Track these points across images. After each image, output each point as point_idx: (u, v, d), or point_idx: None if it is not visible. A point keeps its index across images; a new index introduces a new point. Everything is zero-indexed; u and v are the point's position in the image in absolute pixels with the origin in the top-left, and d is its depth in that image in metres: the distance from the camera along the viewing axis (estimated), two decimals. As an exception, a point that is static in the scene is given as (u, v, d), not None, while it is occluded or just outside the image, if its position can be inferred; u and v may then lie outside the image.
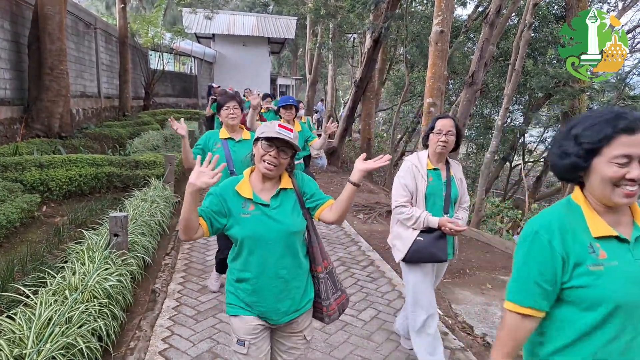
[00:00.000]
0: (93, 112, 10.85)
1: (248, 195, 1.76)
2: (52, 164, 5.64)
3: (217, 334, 3.12)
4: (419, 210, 2.48)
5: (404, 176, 2.54)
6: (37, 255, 3.93)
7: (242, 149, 3.21)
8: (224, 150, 3.20)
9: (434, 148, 2.53)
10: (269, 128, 1.73)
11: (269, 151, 1.72)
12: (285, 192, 1.82)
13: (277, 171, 1.75)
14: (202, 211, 1.73)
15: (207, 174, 1.60)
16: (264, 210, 1.75)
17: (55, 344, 2.28)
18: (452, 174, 2.62)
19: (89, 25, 10.99)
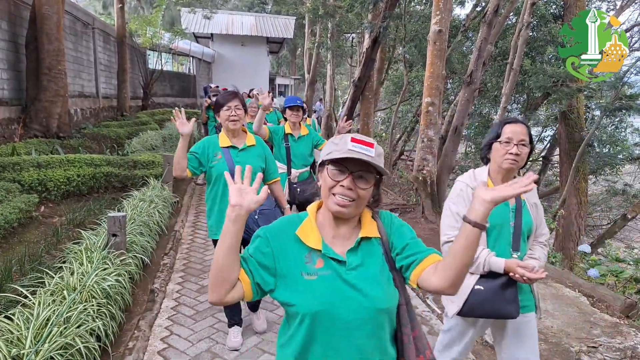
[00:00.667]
0: (91, 112, 10.83)
1: (315, 244, 1.20)
2: (50, 164, 5.63)
3: (216, 333, 3.12)
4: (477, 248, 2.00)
5: (456, 201, 1.92)
6: (35, 255, 3.92)
7: (248, 159, 2.72)
8: (226, 162, 2.69)
9: (500, 163, 1.89)
10: (337, 145, 1.19)
11: (340, 180, 1.17)
12: (369, 243, 1.25)
13: (354, 209, 1.19)
14: (246, 261, 1.20)
15: (251, 191, 1.14)
16: (339, 270, 1.18)
17: (53, 344, 2.27)
18: (523, 197, 1.95)
19: (86, 25, 10.96)
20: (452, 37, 10.30)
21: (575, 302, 3.80)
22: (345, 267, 1.19)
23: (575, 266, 6.50)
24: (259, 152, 2.83)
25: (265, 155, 2.86)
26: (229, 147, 2.75)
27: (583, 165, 9.81)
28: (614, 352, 3.02)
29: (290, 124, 4.06)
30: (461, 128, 6.88)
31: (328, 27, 14.57)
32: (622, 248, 11.96)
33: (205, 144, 2.75)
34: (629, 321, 3.53)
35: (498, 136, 1.92)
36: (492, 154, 1.95)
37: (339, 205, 1.17)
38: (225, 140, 2.77)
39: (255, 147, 2.82)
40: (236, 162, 2.68)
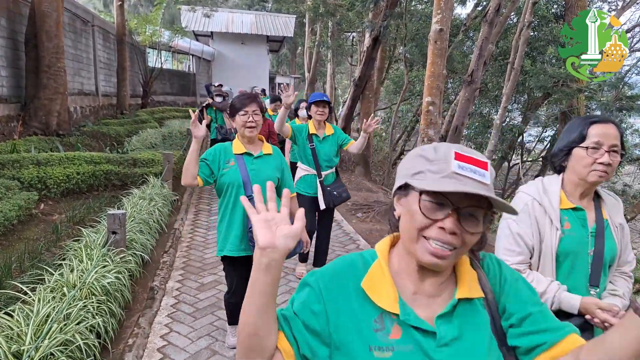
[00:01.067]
0: (91, 110, 10.82)
1: (390, 305, 0.83)
2: (49, 162, 5.62)
3: (216, 331, 3.12)
4: (544, 281, 1.49)
5: (518, 219, 1.54)
6: (35, 252, 3.92)
7: (264, 168, 2.53)
8: (239, 170, 2.48)
9: (585, 174, 1.48)
10: (430, 163, 0.81)
11: (439, 219, 0.79)
12: (469, 305, 0.85)
13: (454, 259, 0.82)
14: (289, 321, 0.85)
15: (282, 220, 0.82)
16: (424, 345, 0.81)
17: (53, 341, 2.27)
18: (606, 216, 1.55)
19: (86, 22, 10.95)
20: (453, 36, 10.30)
21: (575, 301, 3.80)
22: (435, 342, 0.81)
23: (575, 266, 6.50)
24: (275, 163, 2.59)
25: (283, 166, 2.61)
26: (243, 154, 2.52)
27: (583, 165, 9.79)
28: (614, 351, 3.02)
29: (315, 122, 3.70)
30: (461, 128, 6.88)
31: (328, 25, 14.57)
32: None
33: (217, 150, 2.51)
34: (628, 320, 3.53)
35: (582, 139, 1.48)
36: (572, 161, 1.52)
37: (435, 255, 0.79)
38: (240, 146, 2.52)
39: (271, 156, 2.58)
40: (250, 170, 2.47)
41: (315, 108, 3.67)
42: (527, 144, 15.12)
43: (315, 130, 3.69)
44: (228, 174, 2.47)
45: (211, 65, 22.54)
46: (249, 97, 2.46)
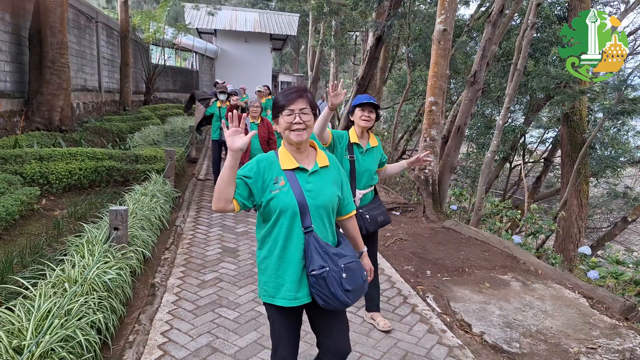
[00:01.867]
0: (93, 106, 10.83)
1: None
2: (52, 157, 5.64)
3: (217, 328, 3.13)
4: None
5: None
6: (37, 247, 3.93)
7: (323, 186, 1.89)
8: (293, 192, 1.82)
9: None
10: None
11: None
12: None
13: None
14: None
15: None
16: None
17: (54, 336, 2.28)
18: None
19: (90, 18, 10.95)
20: (456, 36, 10.28)
21: (575, 303, 3.80)
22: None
23: (575, 268, 6.50)
24: (334, 177, 1.97)
25: (342, 181, 2.03)
26: (295, 170, 1.88)
27: (584, 168, 9.80)
28: (613, 353, 3.02)
29: (357, 129, 2.99)
30: (464, 128, 6.88)
31: (332, 24, 14.55)
32: (622, 251, 11.97)
33: (259, 164, 1.86)
34: (628, 323, 3.54)
35: None
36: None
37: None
38: (289, 158, 1.88)
39: (329, 169, 1.96)
40: (306, 191, 1.85)
41: (360, 112, 2.96)
42: (528, 145, 15.10)
43: (357, 139, 2.99)
44: (279, 197, 1.82)
45: (214, 63, 22.54)
46: (296, 92, 1.87)
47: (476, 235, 5.53)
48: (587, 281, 4.54)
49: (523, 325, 3.37)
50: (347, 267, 1.83)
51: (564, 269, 5.65)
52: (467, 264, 4.59)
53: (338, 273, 1.79)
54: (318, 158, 1.95)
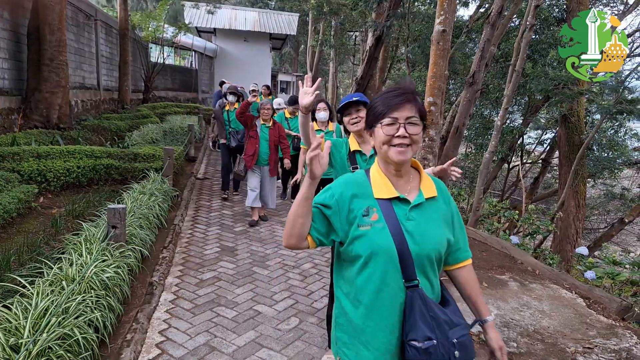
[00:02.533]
0: (92, 104, 10.81)
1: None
2: (49, 155, 5.62)
3: (215, 327, 3.13)
4: None
5: None
6: (34, 245, 3.92)
7: (429, 224, 1.41)
8: (388, 230, 1.35)
9: None
10: None
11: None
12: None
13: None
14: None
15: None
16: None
17: (51, 334, 2.27)
18: None
19: (89, 16, 10.92)
20: (455, 37, 10.30)
21: (572, 303, 3.82)
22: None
23: (573, 268, 6.52)
24: (443, 212, 1.46)
25: (453, 217, 1.49)
26: (393, 200, 1.39)
27: (582, 169, 9.83)
28: (609, 353, 3.03)
29: (355, 135, 2.55)
30: (462, 128, 6.89)
31: (332, 24, 14.56)
32: (619, 252, 12.01)
33: (345, 189, 1.42)
34: (624, 323, 3.55)
35: None
36: None
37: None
38: (385, 185, 1.41)
39: (437, 201, 1.45)
40: (407, 232, 1.35)
41: (347, 117, 2.54)
42: (527, 146, 15.14)
43: (357, 145, 2.52)
44: (369, 236, 1.35)
45: (213, 62, 22.51)
46: (402, 94, 1.38)
47: (474, 235, 5.54)
48: (584, 281, 4.56)
49: (520, 324, 3.38)
50: (460, 343, 1.33)
51: (562, 269, 5.67)
52: (464, 264, 4.60)
53: (448, 349, 1.30)
54: (423, 185, 1.46)
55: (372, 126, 1.43)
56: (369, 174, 1.47)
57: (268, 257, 4.55)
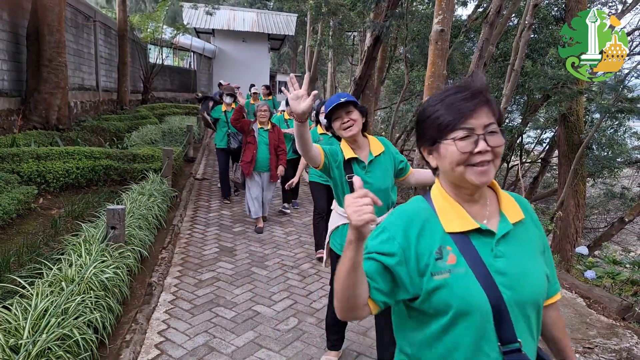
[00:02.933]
0: (91, 105, 10.81)
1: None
2: (49, 156, 5.62)
3: (214, 327, 3.12)
4: None
5: None
6: (33, 246, 3.92)
7: (524, 263, 1.06)
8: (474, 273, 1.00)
9: None
10: None
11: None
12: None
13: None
14: None
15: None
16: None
17: (51, 335, 2.27)
18: None
19: (88, 17, 10.93)
20: (453, 37, 10.30)
21: (572, 303, 3.82)
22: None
23: (572, 268, 6.52)
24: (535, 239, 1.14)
25: (544, 242, 1.18)
26: (471, 234, 1.06)
27: (581, 168, 9.84)
28: (610, 353, 3.03)
29: (349, 141, 2.29)
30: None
31: (330, 24, 14.56)
32: (619, 251, 12.02)
33: (408, 225, 1.07)
34: (624, 323, 3.55)
35: None
36: None
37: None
38: (458, 214, 1.07)
39: (525, 224, 1.13)
40: (497, 273, 1.02)
41: (336, 122, 2.25)
42: (526, 145, 15.15)
43: (352, 152, 2.28)
44: (451, 287, 1.02)
45: (212, 63, 22.52)
46: (473, 94, 1.04)
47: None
48: (584, 281, 4.55)
49: (520, 324, 3.37)
50: None
51: (561, 269, 5.67)
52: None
53: None
54: (504, 207, 1.11)
55: (436, 142, 1.05)
56: (431, 200, 1.11)
57: (267, 257, 4.55)
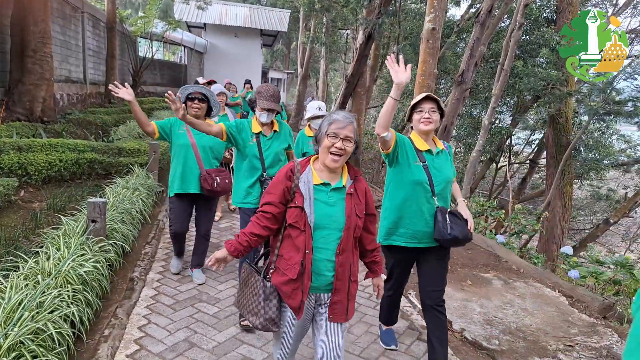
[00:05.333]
0: (78, 98, 10.63)
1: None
2: (31, 148, 5.50)
3: (195, 323, 3.08)
4: None
5: None
6: (12, 239, 3.82)
7: None
8: None
9: None
10: None
11: None
12: None
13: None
14: None
15: None
16: None
17: (24, 329, 2.21)
18: None
19: (76, 8, 10.73)
20: (446, 36, 10.33)
21: (555, 301, 3.84)
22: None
23: (557, 267, 6.58)
24: None
25: None
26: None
27: (569, 169, 9.94)
28: (590, 351, 3.05)
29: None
30: (450, 127, 6.90)
31: (323, 21, 14.51)
32: (604, 252, 12.17)
33: None
34: (605, 321, 3.58)
35: None
36: None
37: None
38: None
39: None
40: None
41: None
42: (515, 147, 15.26)
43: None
44: None
45: (203, 57, 22.31)
46: None
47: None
48: (568, 280, 4.59)
49: (503, 322, 3.38)
50: None
51: (546, 268, 5.71)
52: (450, 262, 4.60)
53: None
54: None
55: None
56: None
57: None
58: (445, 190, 2.56)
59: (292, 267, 1.89)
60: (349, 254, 1.95)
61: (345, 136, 1.91)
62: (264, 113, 3.03)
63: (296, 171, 1.95)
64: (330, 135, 1.90)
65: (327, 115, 2.00)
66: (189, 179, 3.56)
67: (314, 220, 1.88)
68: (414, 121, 2.59)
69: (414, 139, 2.59)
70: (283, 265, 1.92)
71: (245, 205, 3.10)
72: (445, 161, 2.61)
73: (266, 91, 3.04)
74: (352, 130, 1.95)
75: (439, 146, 2.63)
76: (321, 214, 1.89)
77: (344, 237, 1.91)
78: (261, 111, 3.02)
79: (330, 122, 1.94)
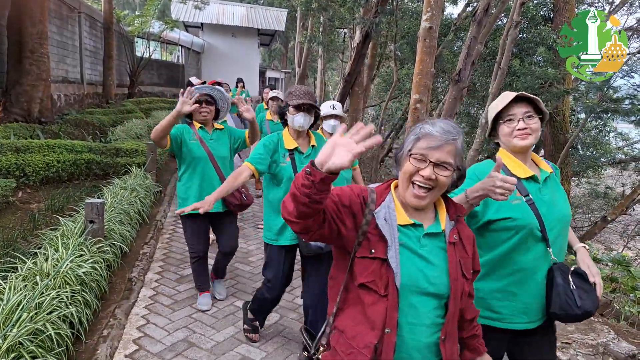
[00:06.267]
0: (75, 98, 10.61)
1: None
2: (28, 149, 5.50)
3: (194, 323, 3.09)
4: None
5: None
6: (10, 240, 3.82)
7: None
8: None
9: None
10: None
11: None
12: None
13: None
14: None
15: None
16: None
17: (23, 330, 2.21)
18: None
19: (73, 9, 10.71)
20: (443, 35, 10.33)
21: (552, 299, 3.85)
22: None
23: (555, 265, 6.58)
24: None
25: None
26: None
27: (566, 167, 9.96)
28: (587, 348, 3.07)
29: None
30: (448, 126, 6.91)
31: (320, 21, 14.51)
32: (602, 250, 12.22)
33: None
34: (602, 319, 3.59)
35: None
36: None
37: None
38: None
39: None
40: None
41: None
42: (513, 145, 15.25)
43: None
44: None
45: (201, 57, 22.29)
46: None
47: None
48: (565, 278, 4.60)
49: (501, 320, 3.39)
50: None
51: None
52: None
53: None
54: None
55: None
56: None
57: (251, 253, 4.52)
58: (561, 236, 1.72)
59: (360, 352, 1.21)
60: (455, 337, 1.29)
61: (438, 160, 1.21)
62: (298, 115, 2.41)
63: (370, 201, 1.25)
64: (416, 157, 1.22)
65: (415, 126, 1.30)
66: None
67: (401, 279, 1.19)
68: (502, 135, 1.72)
69: (507, 163, 1.69)
70: (344, 348, 1.24)
71: (279, 243, 2.55)
72: (557, 190, 1.73)
73: (298, 90, 2.49)
74: (453, 153, 1.23)
75: (544, 168, 1.74)
76: (412, 271, 1.21)
77: (450, 311, 1.23)
78: (294, 113, 2.42)
79: (417, 135, 1.25)
